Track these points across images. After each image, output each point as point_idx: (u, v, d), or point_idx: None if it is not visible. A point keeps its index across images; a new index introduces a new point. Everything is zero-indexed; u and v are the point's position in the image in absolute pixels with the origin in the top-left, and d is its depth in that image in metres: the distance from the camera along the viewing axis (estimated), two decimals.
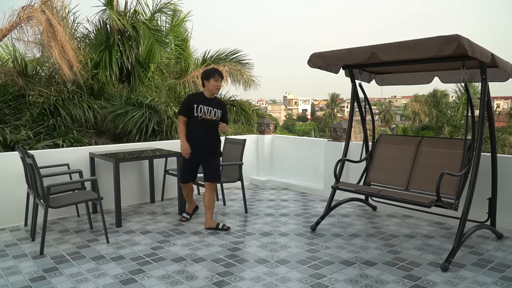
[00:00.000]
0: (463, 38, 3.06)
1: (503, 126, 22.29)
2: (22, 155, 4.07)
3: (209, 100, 4.38)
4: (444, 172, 3.50)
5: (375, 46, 3.57)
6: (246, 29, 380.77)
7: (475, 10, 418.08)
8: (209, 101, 4.37)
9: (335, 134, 5.86)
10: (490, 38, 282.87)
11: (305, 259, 3.56)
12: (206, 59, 10.68)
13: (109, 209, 5.02)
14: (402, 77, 4.90)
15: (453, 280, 3.12)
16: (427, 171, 4.16)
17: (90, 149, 5.21)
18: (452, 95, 21.69)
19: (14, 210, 4.49)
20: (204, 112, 4.32)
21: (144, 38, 8.33)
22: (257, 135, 7.07)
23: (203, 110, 4.32)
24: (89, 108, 7.45)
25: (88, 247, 3.83)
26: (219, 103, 4.46)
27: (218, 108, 4.40)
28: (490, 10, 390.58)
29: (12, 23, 7.38)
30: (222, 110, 4.45)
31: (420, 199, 3.69)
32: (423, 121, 22.59)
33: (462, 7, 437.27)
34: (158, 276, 3.21)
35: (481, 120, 3.62)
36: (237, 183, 5.40)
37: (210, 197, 4.41)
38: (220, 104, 4.47)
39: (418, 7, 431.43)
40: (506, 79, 4.13)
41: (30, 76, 7.82)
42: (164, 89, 9.45)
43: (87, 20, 9.24)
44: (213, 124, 4.38)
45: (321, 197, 5.86)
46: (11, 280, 3.12)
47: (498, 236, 4.05)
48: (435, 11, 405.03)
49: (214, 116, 4.36)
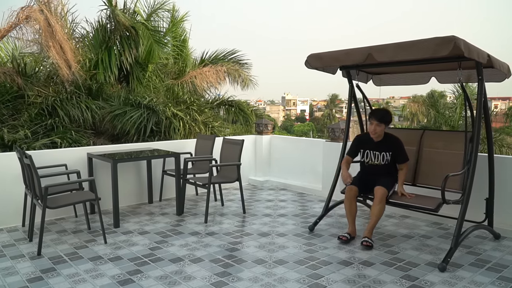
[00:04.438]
0: (459, 39, 3.07)
1: (501, 127, 22.34)
2: (19, 156, 4.06)
3: (377, 143, 4.12)
4: (448, 175, 3.54)
5: (371, 47, 3.58)
6: (246, 29, 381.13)
7: (472, 10, 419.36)
8: (376, 145, 4.12)
9: (333, 134, 5.87)
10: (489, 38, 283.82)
11: (303, 259, 3.57)
12: (204, 59, 10.70)
13: (107, 209, 5.02)
14: (399, 77, 4.91)
15: (451, 280, 3.13)
16: (430, 164, 4.20)
17: (88, 149, 5.20)
18: (449, 96, 21.74)
19: (11, 211, 4.49)
20: (370, 158, 4.15)
21: (143, 38, 8.33)
22: (255, 136, 7.08)
23: (369, 156, 4.14)
24: (87, 109, 7.44)
25: (85, 248, 3.83)
26: (387, 144, 4.09)
27: (387, 150, 4.07)
28: (487, 10, 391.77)
29: (11, 24, 7.38)
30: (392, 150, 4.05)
31: (426, 203, 3.72)
32: (421, 122, 22.61)
33: (460, 7, 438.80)
34: (156, 276, 3.21)
35: (478, 120, 3.63)
36: (235, 184, 5.40)
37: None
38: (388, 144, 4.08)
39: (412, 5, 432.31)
40: (503, 80, 4.14)
41: (29, 76, 7.82)
42: (162, 89, 9.45)
43: (85, 20, 9.25)
44: (383, 169, 4.10)
45: (319, 197, 5.87)
46: (8, 281, 3.12)
47: (496, 236, 4.06)
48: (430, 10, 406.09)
49: (382, 160, 4.11)
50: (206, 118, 8.80)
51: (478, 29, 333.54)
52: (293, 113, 79.42)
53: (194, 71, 10.04)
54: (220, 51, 10.73)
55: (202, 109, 9.08)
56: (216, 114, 10.02)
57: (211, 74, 9.81)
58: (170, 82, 9.73)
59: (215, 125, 8.74)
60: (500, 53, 3.54)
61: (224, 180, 5.07)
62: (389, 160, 4.10)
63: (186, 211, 5.14)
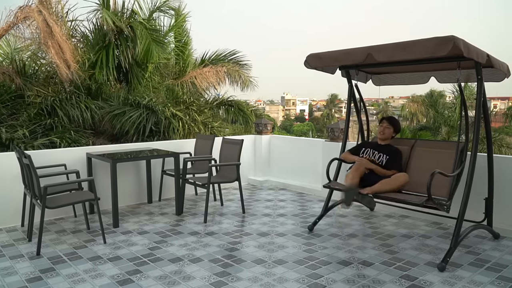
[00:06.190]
0: (459, 39, 3.07)
1: (500, 127, 22.36)
2: (18, 156, 4.06)
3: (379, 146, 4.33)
4: (435, 171, 3.51)
5: (371, 47, 3.58)
6: (246, 29, 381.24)
7: (469, 10, 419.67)
8: (379, 146, 4.32)
9: (333, 134, 5.87)
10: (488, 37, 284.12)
11: (302, 259, 3.57)
12: (204, 59, 10.70)
13: (106, 209, 5.01)
14: (399, 77, 4.91)
15: (450, 280, 3.13)
16: (420, 173, 4.11)
17: (87, 149, 5.20)
18: (449, 96, 21.75)
19: (10, 211, 4.48)
20: (368, 154, 4.29)
21: (141, 38, 8.32)
22: (255, 136, 7.07)
23: (368, 153, 4.30)
24: (87, 109, 7.43)
25: (85, 248, 3.82)
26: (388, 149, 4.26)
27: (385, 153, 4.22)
28: (485, 10, 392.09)
29: (9, 23, 7.37)
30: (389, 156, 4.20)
31: (412, 199, 3.70)
32: (420, 122, 22.62)
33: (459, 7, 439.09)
34: (155, 276, 3.21)
35: (477, 120, 3.63)
36: (234, 183, 5.40)
37: None
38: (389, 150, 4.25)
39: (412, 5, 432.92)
40: (502, 79, 4.15)
41: (28, 76, 7.81)
42: (162, 89, 9.45)
43: (86, 19, 9.23)
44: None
45: (318, 197, 5.87)
46: (7, 281, 3.11)
47: (495, 236, 4.07)
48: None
49: (378, 159, 4.22)
50: (205, 118, 8.79)
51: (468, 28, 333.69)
52: (293, 113, 79.44)
53: (194, 71, 10.03)
54: (220, 52, 10.73)
55: (201, 109, 9.07)
56: (215, 114, 10.02)
57: (211, 75, 9.81)
58: (170, 82, 9.72)
59: (214, 125, 8.74)
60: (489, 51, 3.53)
61: (223, 180, 5.06)
62: (383, 162, 4.18)
63: (185, 211, 5.13)
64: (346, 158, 4.45)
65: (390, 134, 4.38)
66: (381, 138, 4.38)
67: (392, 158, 4.19)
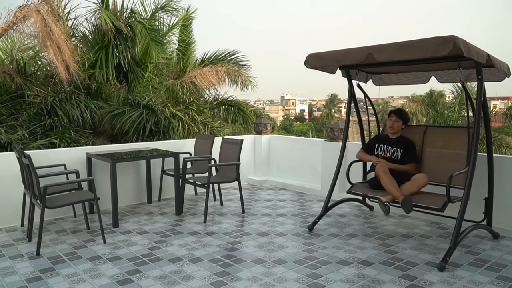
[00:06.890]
0: (459, 39, 3.07)
1: (500, 127, 22.35)
2: (18, 156, 4.06)
3: (391, 139, 4.37)
4: (452, 174, 3.59)
5: (371, 47, 3.58)
6: (246, 29, 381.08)
7: (469, 10, 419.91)
8: (391, 141, 4.36)
9: (332, 134, 5.87)
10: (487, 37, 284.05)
11: (302, 259, 3.57)
12: (204, 59, 10.70)
13: (106, 209, 5.01)
14: (399, 77, 4.91)
15: (450, 280, 3.13)
16: (435, 161, 4.24)
17: (87, 149, 5.20)
18: (448, 95, 21.76)
19: (10, 211, 4.48)
20: (384, 151, 4.33)
21: (141, 37, 8.32)
22: (255, 135, 7.07)
23: (383, 149, 4.34)
24: (86, 109, 7.43)
25: (84, 248, 3.82)
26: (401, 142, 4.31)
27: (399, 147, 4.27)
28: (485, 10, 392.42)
29: (8, 23, 7.36)
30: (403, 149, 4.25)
31: (432, 203, 3.72)
32: (420, 121, 22.64)
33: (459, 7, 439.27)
34: (155, 276, 3.20)
35: (477, 120, 3.63)
36: (234, 183, 5.40)
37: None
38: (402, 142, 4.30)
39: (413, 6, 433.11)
40: (502, 79, 4.15)
41: (28, 75, 7.81)
42: (162, 89, 9.44)
43: (85, 19, 9.23)
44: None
45: (318, 197, 5.87)
46: (7, 281, 3.11)
47: (495, 236, 4.07)
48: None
49: (393, 155, 4.28)
50: (205, 118, 8.79)
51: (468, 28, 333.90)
52: (292, 113, 79.44)
53: (194, 71, 10.03)
54: (220, 52, 10.74)
55: (201, 109, 9.07)
56: (215, 114, 10.02)
57: (211, 75, 9.81)
58: (170, 82, 9.72)
59: (214, 125, 8.74)
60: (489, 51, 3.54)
61: (223, 180, 5.06)
62: (399, 156, 4.25)
63: (185, 211, 5.13)
64: (362, 158, 4.52)
65: (400, 127, 4.40)
66: (391, 133, 4.41)
67: (406, 151, 4.26)
